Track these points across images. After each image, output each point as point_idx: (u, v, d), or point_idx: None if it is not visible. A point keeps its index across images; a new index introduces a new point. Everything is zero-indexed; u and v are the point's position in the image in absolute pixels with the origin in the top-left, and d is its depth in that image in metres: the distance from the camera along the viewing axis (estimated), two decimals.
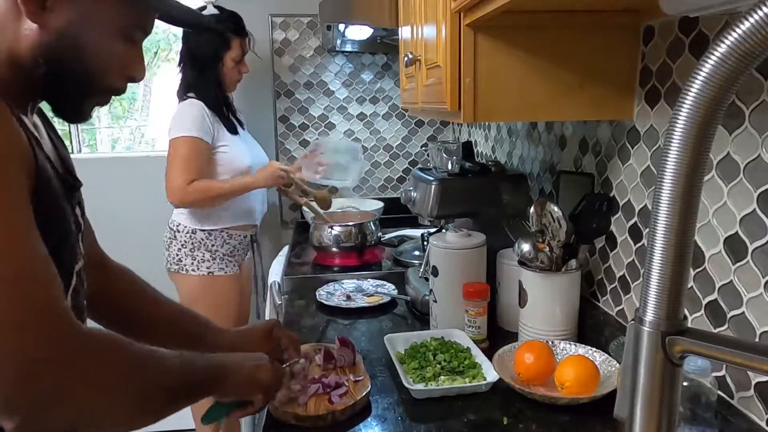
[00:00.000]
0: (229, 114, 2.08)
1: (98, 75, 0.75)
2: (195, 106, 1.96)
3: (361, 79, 2.66)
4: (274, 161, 2.12)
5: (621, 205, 1.22)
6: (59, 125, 0.94)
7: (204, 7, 2.04)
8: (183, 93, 2.02)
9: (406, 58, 1.41)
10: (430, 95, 1.31)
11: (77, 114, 0.79)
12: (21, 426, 0.57)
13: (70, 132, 2.63)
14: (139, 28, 0.77)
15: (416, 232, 2.13)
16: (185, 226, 2.02)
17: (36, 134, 0.74)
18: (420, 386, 1.07)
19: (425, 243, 1.75)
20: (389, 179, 2.77)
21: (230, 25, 1.99)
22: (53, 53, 0.71)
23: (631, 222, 1.19)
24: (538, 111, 1.15)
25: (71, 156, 0.87)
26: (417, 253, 1.90)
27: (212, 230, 2.02)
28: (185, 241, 2.01)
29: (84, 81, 0.75)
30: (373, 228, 2.00)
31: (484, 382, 1.07)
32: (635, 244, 1.18)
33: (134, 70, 0.79)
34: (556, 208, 1.19)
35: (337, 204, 2.51)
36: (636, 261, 1.18)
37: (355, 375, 1.10)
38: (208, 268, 2.02)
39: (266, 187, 2.08)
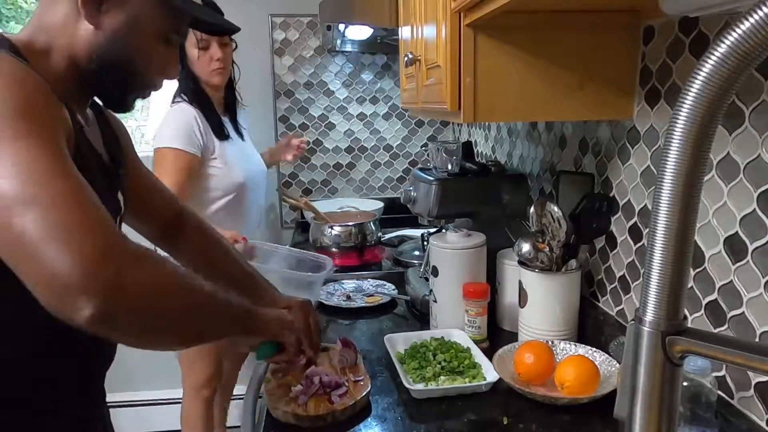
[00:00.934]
0: (220, 116, 1.89)
1: (141, 72, 0.85)
2: (184, 113, 1.79)
3: (361, 79, 2.66)
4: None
5: (621, 205, 1.22)
6: None
7: None
8: (174, 95, 1.87)
9: (406, 58, 1.41)
10: (430, 95, 1.31)
11: (122, 105, 0.90)
12: (95, 319, 0.61)
13: None
14: (176, 32, 0.86)
15: (416, 232, 2.13)
16: None
17: (83, 124, 0.84)
18: (420, 386, 1.07)
19: (425, 243, 1.75)
20: (389, 179, 2.77)
21: None
22: (105, 51, 0.81)
23: (631, 222, 1.19)
24: (538, 111, 1.15)
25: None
26: (417, 253, 1.90)
27: None
28: None
29: (129, 77, 0.85)
30: (373, 228, 2.00)
31: (484, 382, 1.07)
32: (635, 244, 1.18)
33: (169, 70, 0.89)
34: (556, 208, 1.19)
35: (337, 204, 2.51)
36: (636, 261, 1.18)
37: (356, 375, 1.10)
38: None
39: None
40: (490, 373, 1.09)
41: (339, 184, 2.74)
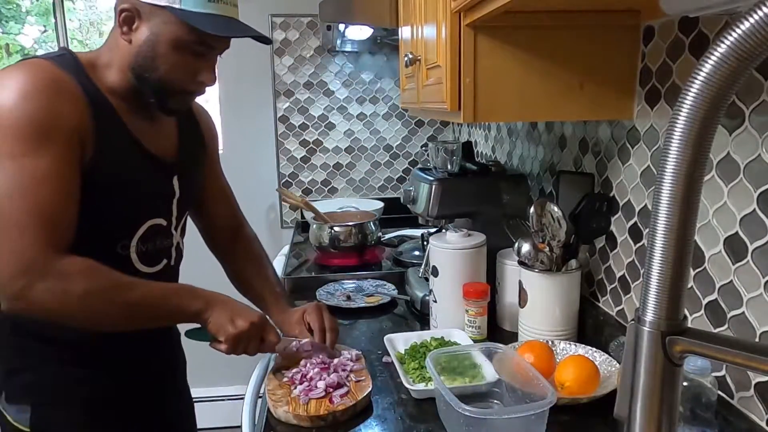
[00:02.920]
0: None
1: (169, 80, 0.97)
2: None
3: (361, 79, 2.66)
4: None
5: (621, 205, 1.22)
6: None
7: None
8: None
9: (406, 58, 1.41)
10: (430, 95, 1.31)
11: (164, 109, 1.03)
12: (7, 308, 0.88)
13: None
14: (200, 45, 0.96)
15: (416, 232, 2.13)
16: None
17: (131, 121, 1.00)
18: (420, 386, 1.07)
19: (425, 243, 1.75)
20: (389, 179, 2.77)
21: None
22: (136, 62, 0.96)
23: (631, 222, 1.19)
24: (538, 111, 1.15)
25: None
26: (417, 253, 1.90)
27: None
28: None
29: (159, 84, 0.98)
30: (373, 228, 2.00)
31: (484, 382, 1.07)
32: (635, 244, 1.18)
33: (203, 77, 1.00)
34: (556, 208, 1.19)
35: (337, 204, 2.51)
36: (636, 261, 1.18)
37: (357, 375, 1.10)
38: None
39: None
40: (490, 373, 1.09)
41: (339, 184, 2.74)
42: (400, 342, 1.24)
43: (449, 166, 1.51)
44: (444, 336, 1.25)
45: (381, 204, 2.49)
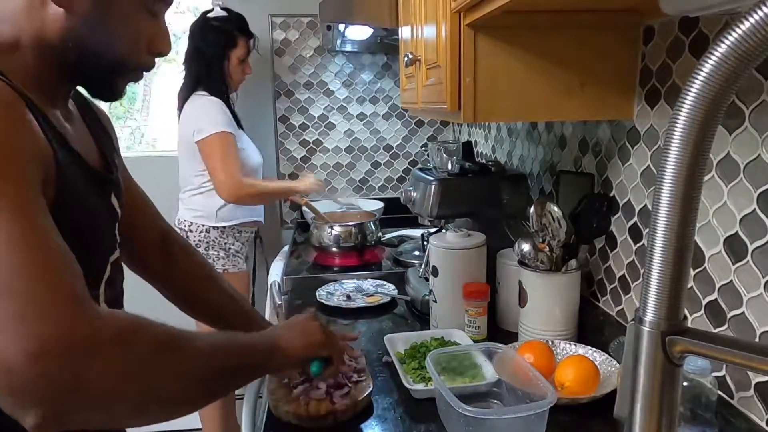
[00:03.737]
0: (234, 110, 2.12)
1: (126, 52, 0.75)
2: (216, 102, 1.98)
3: (361, 79, 2.66)
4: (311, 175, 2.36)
5: (621, 205, 1.22)
6: None
7: (211, 9, 2.06)
8: (190, 90, 2.03)
9: (406, 58, 1.41)
10: (430, 95, 1.31)
11: (111, 93, 0.80)
12: (46, 421, 0.52)
13: None
14: (159, 0, 0.76)
15: (416, 232, 2.13)
16: (199, 225, 2.04)
17: (63, 128, 0.75)
18: (420, 386, 1.07)
19: (425, 243, 1.75)
20: (389, 179, 2.77)
21: (236, 24, 2.05)
22: (82, 36, 0.71)
23: (631, 222, 1.19)
24: (538, 111, 1.15)
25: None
26: (417, 253, 1.90)
27: (224, 227, 2.05)
28: (199, 241, 2.03)
29: (113, 59, 0.74)
30: (373, 228, 2.00)
31: (484, 382, 1.07)
32: (635, 244, 1.18)
33: (160, 45, 0.78)
34: (556, 208, 1.19)
35: (337, 204, 2.51)
36: (636, 261, 1.18)
37: (358, 375, 1.10)
38: (222, 265, 2.05)
39: (306, 193, 2.23)
40: (490, 373, 1.09)
41: (339, 184, 2.74)
42: (400, 342, 1.24)
43: (449, 166, 1.51)
44: (444, 336, 1.25)
45: (381, 204, 2.50)
